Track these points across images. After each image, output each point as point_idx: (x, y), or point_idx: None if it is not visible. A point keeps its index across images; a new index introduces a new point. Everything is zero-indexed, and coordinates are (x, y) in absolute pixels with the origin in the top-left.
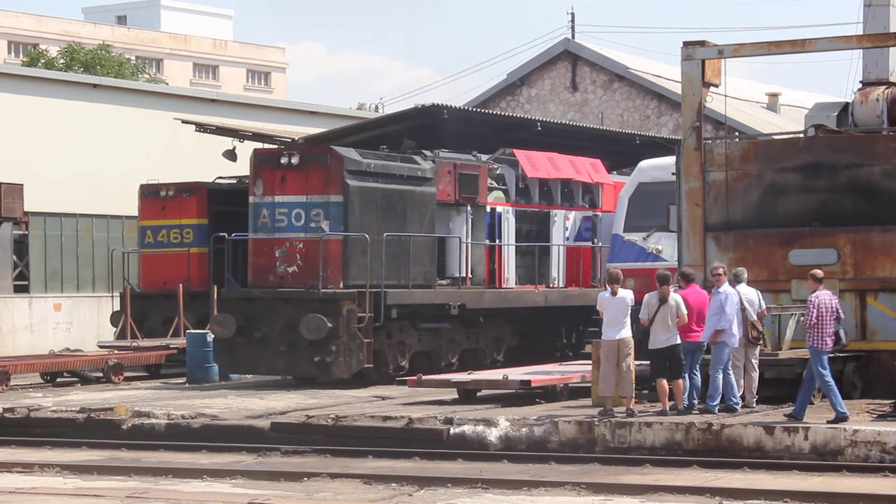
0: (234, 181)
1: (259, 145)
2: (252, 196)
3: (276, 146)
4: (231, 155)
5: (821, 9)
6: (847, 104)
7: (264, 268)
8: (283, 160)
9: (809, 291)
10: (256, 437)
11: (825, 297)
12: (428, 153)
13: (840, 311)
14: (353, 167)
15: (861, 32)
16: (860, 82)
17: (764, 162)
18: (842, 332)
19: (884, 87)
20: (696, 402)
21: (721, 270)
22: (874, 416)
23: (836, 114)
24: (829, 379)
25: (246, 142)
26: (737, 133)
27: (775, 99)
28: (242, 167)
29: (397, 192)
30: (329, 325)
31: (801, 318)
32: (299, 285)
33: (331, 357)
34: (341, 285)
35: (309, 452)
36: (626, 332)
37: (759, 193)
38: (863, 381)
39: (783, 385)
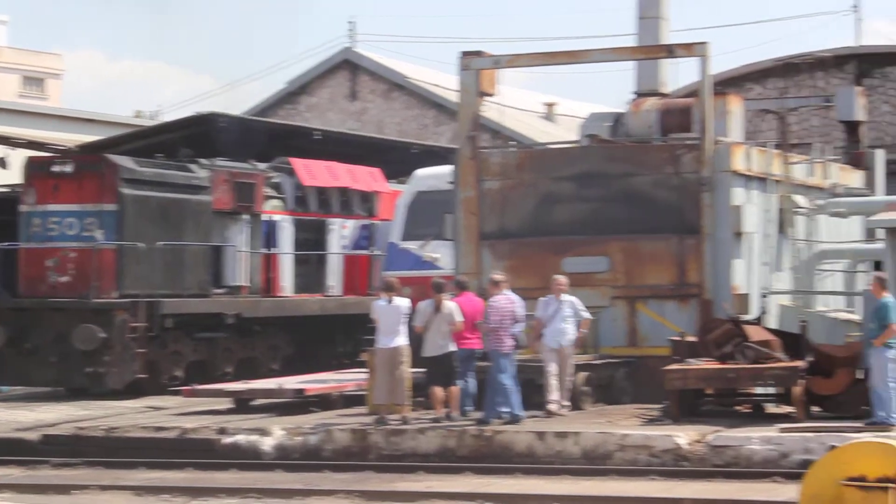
0: (7, 190)
1: (33, 153)
2: (24, 205)
3: (50, 154)
4: (1, 163)
5: (598, 21)
6: (621, 114)
7: (36, 277)
8: (57, 168)
9: (489, 295)
10: (26, 450)
11: (503, 301)
12: (204, 162)
13: (519, 314)
14: (127, 175)
15: (635, 45)
16: (633, 93)
17: (539, 171)
18: (518, 336)
19: (656, 98)
20: (470, 408)
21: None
22: (643, 420)
23: (610, 124)
24: (508, 382)
25: (19, 150)
26: (513, 142)
27: (552, 109)
28: (16, 176)
29: (173, 201)
30: (102, 335)
31: (481, 323)
32: (72, 295)
33: (104, 367)
34: (115, 295)
35: (80, 465)
36: (402, 340)
37: (534, 202)
38: (633, 387)
39: None
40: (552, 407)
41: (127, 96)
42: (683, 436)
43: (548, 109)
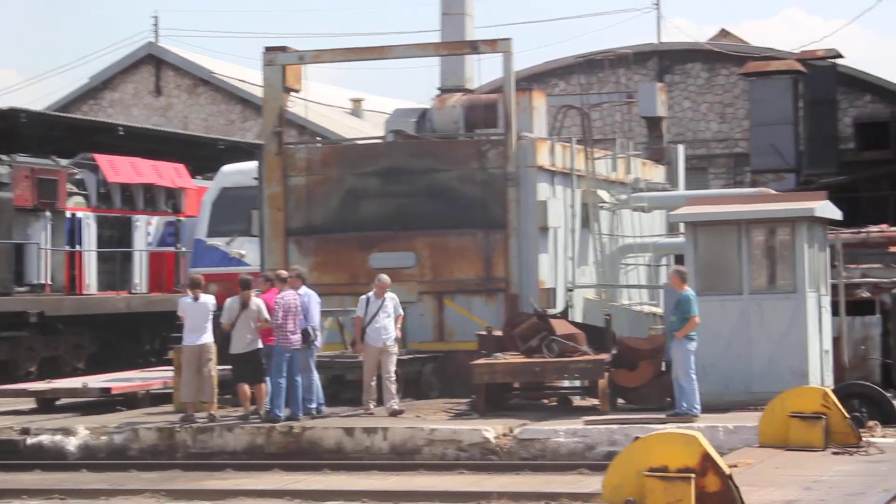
0: None
1: None
2: None
3: None
4: None
5: (405, 17)
6: (426, 110)
7: None
8: None
9: (260, 293)
10: None
11: (290, 296)
12: (4, 158)
13: (305, 309)
14: None
15: (439, 41)
16: (438, 89)
17: (345, 167)
18: (310, 329)
19: (461, 94)
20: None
21: (293, 273)
22: (451, 415)
23: (415, 119)
24: (282, 380)
25: None
26: (319, 138)
27: (359, 104)
28: None
29: None
30: None
31: (265, 320)
32: None
33: None
34: None
35: None
36: (208, 338)
37: (340, 198)
38: (441, 382)
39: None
40: (369, 406)
41: None
42: (491, 430)
43: (354, 105)
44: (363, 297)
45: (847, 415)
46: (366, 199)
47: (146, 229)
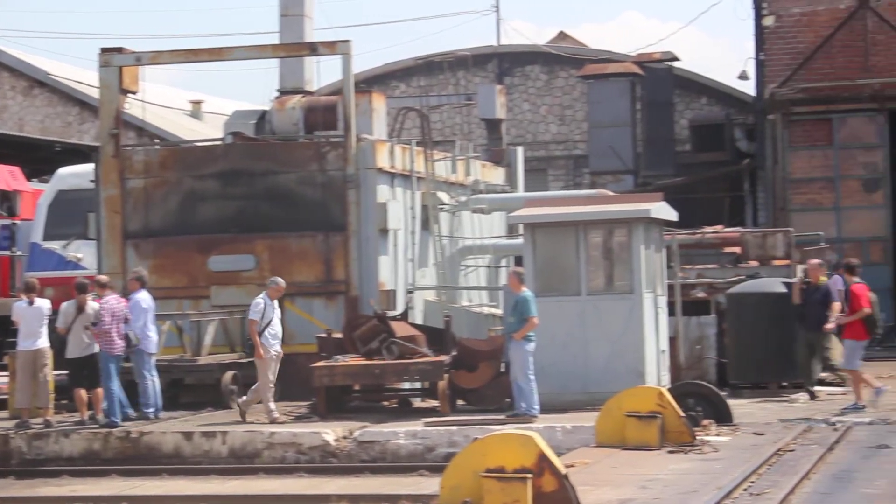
0: None
1: None
2: None
3: None
4: None
5: (246, 18)
6: (266, 112)
7: None
8: None
9: (97, 297)
10: None
11: (113, 301)
12: None
13: (128, 314)
14: None
15: (278, 42)
16: (277, 91)
17: (184, 169)
18: (131, 335)
19: (300, 96)
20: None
21: (133, 276)
22: (291, 418)
23: (254, 121)
24: (112, 384)
25: None
26: (157, 140)
27: (199, 106)
28: None
29: None
30: None
31: (90, 326)
32: None
33: None
34: None
35: None
36: (43, 343)
37: (179, 200)
38: (281, 384)
39: (204, 391)
40: (275, 415)
41: None
42: (331, 432)
43: (194, 107)
44: (259, 300)
45: (682, 414)
46: (205, 201)
47: None
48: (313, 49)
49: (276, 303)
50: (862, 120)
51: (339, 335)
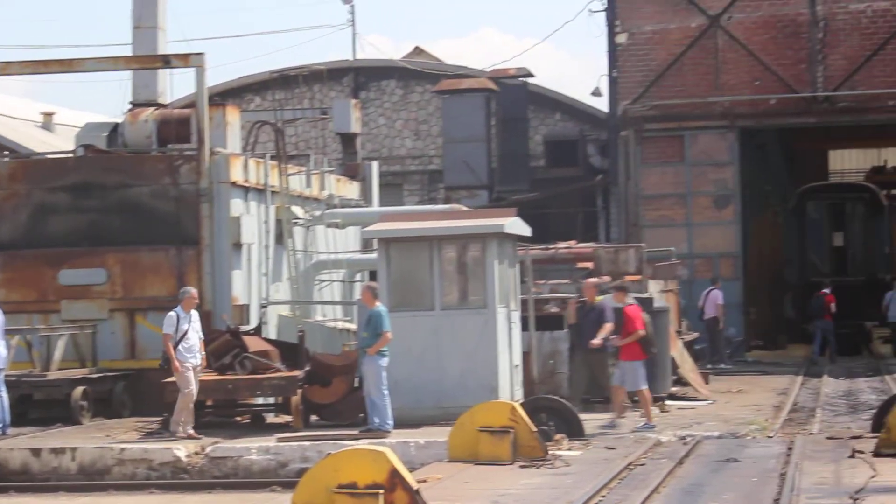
0: None
1: None
2: None
3: None
4: None
5: (98, 30)
6: (118, 125)
7: None
8: None
9: None
10: None
11: None
12: None
13: None
14: None
15: (131, 54)
16: (130, 103)
17: (34, 181)
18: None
19: (153, 109)
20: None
21: None
22: (142, 434)
23: (106, 134)
24: None
25: None
26: (6, 152)
27: (50, 118)
28: None
29: None
30: None
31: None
32: None
33: None
34: None
35: None
36: None
37: (29, 213)
38: (133, 400)
39: (54, 406)
40: (189, 430)
41: None
42: (183, 448)
43: (45, 119)
44: (172, 313)
45: (534, 429)
46: (55, 214)
47: None
48: (166, 61)
49: (191, 314)
50: (713, 137)
51: None
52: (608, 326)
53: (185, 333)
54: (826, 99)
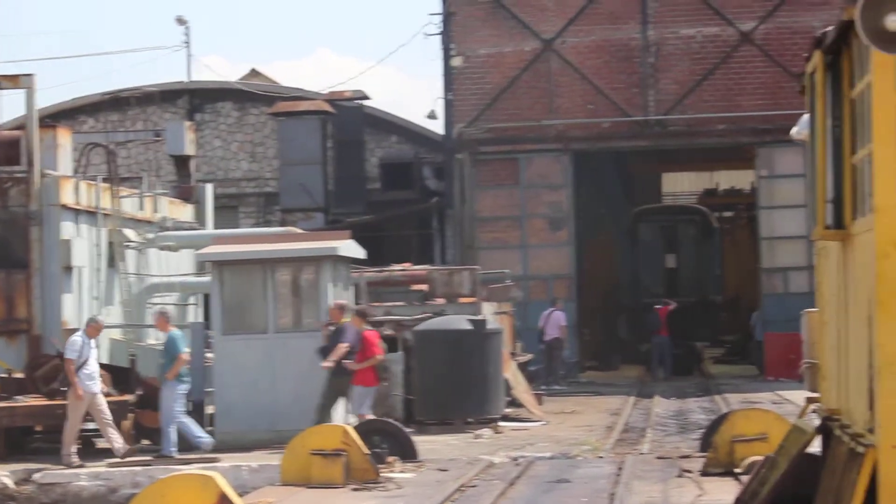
0: None
1: None
2: None
3: None
4: None
5: None
6: None
7: None
8: None
9: None
10: None
11: None
12: None
13: None
14: None
15: None
16: None
17: None
18: None
19: None
20: None
21: None
22: None
23: None
24: None
25: None
26: None
27: None
28: None
29: None
30: None
31: None
32: None
33: None
34: None
35: None
36: None
37: None
38: None
39: None
40: (73, 459)
41: None
42: (10, 475)
43: None
44: (76, 337)
45: (367, 451)
46: None
47: None
48: None
49: (93, 342)
50: (547, 160)
51: (20, 375)
52: (342, 347)
53: (87, 360)
54: (658, 122)
